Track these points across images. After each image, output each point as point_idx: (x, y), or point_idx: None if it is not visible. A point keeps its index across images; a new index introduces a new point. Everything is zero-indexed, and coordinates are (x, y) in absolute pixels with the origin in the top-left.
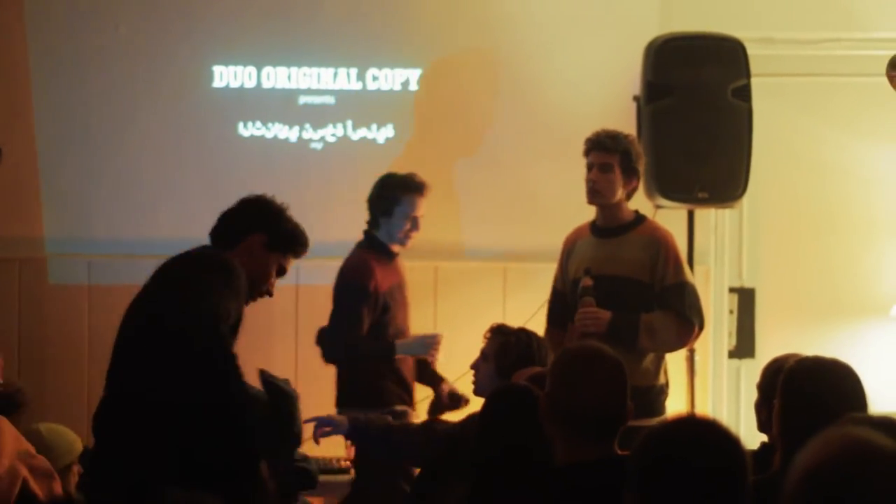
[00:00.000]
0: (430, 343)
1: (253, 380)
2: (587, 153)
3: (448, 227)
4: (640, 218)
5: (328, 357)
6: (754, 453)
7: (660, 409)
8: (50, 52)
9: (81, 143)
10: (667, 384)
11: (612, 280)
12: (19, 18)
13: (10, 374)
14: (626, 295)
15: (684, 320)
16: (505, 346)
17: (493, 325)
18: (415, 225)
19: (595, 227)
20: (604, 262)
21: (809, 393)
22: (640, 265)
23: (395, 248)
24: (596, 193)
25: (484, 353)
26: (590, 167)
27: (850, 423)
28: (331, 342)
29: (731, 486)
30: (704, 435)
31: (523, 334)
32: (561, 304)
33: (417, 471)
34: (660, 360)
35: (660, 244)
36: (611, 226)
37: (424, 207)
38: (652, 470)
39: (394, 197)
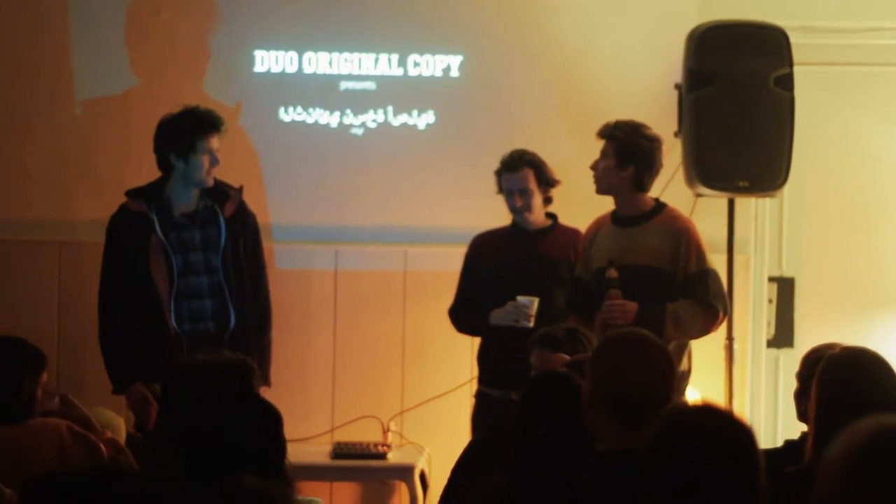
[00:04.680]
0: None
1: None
2: None
3: (490, 214)
4: (659, 206)
5: None
6: (795, 443)
7: (680, 395)
8: (91, 37)
9: (121, 127)
10: (689, 371)
11: (633, 269)
12: (62, 4)
13: (49, 356)
14: (646, 283)
15: (709, 308)
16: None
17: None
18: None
19: (615, 217)
20: (624, 251)
21: (843, 383)
22: (659, 253)
23: None
24: (594, 180)
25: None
26: None
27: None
28: None
29: (739, 473)
30: (712, 422)
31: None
32: (582, 292)
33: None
34: (682, 347)
35: (680, 233)
36: (630, 215)
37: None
38: (659, 457)
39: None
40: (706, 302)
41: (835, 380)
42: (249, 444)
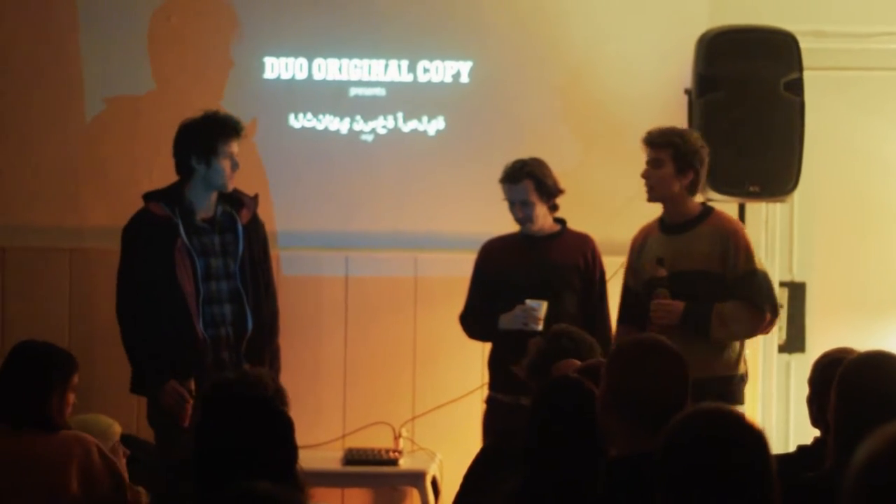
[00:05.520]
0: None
1: None
2: (645, 150)
3: (500, 220)
4: (707, 210)
5: None
6: (808, 448)
7: (740, 398)
8: (101, 42)
9: (131, 134)
10: (746, 373)
11: (686, 275)
12: (71, 7)
13: None
14: (700, 288)
15: (756, 308)
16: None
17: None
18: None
19: (663, 224)
20: (676, 258)
21: (864, 387)
22: (710, 257)
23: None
24: (649, 190)
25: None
26: (646, 164)
27: None
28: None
29: (750, 474)
30: (723, 424)
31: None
32: (633, 302)
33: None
34: (740, 350)
35: (729, 235)
36: (678, 221)
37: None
38: (672, 457)
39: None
40: (753, 302)
41: (856, 383)
42: (262, 450)
